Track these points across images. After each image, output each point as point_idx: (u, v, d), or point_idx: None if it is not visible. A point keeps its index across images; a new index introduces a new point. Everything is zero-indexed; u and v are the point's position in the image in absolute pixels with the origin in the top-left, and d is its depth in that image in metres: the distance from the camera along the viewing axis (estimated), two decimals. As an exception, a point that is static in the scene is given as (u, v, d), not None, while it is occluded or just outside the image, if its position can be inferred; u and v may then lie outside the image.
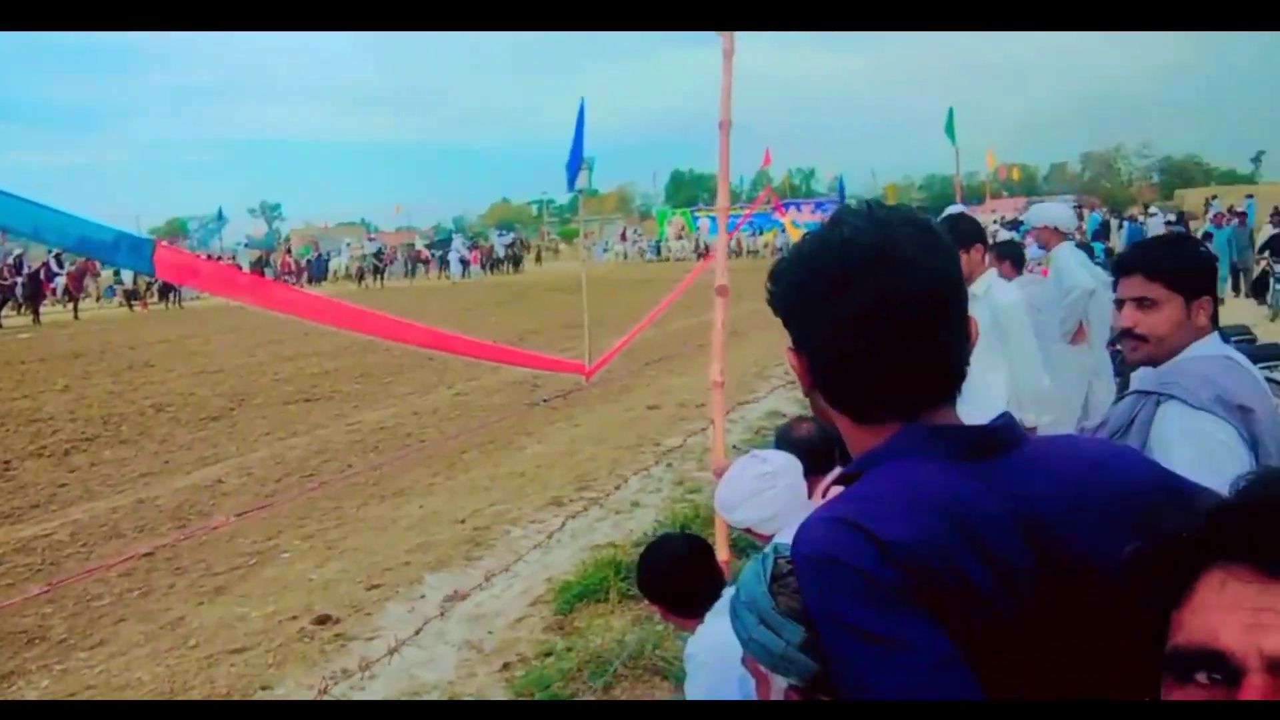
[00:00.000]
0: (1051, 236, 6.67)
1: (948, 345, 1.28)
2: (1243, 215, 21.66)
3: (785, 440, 3.58)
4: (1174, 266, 2.58)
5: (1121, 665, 1.44)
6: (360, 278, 44.18)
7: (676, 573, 3.04)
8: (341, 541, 7.19)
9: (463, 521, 7.51)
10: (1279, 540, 0.80)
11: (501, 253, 52.63)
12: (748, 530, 3.23)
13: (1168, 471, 1.35)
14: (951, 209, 8.42)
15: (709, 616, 2.99)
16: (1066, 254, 6.50)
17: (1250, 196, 43.70)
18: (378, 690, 4.80)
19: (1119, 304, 2.67)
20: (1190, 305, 2.56)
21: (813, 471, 3.59)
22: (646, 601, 5.34)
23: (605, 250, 56.84)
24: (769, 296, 1.39)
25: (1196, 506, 0.90)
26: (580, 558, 6.36)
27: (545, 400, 12.09)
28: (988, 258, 6.71)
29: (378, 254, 46.64)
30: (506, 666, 4.99)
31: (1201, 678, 0.82)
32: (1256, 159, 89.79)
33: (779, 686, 1.65)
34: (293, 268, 45.38)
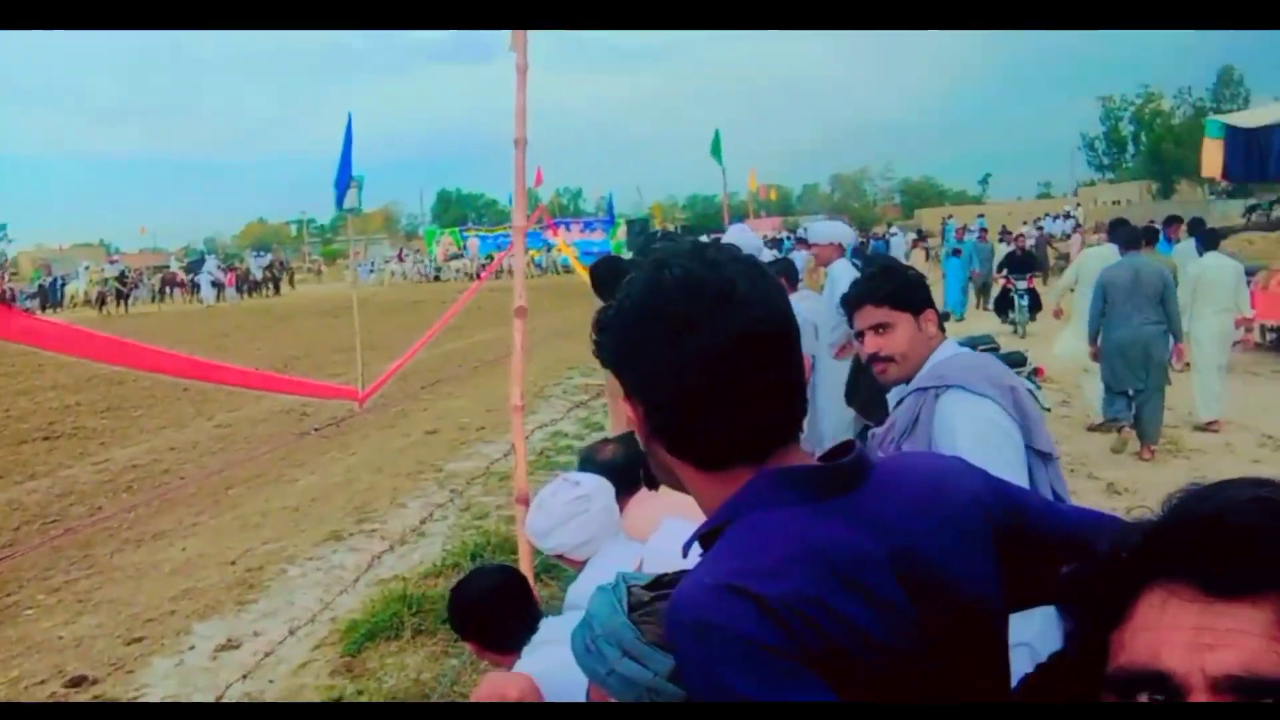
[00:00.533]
0: (834, 253, 6.91)
1: (790, 383, 1.25)
2: (984, 231, 23.39)
3: (590, 463, 3.52)
4: (894, 289, 2.86)
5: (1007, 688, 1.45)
6: (101, 303, 40.89)
7: (491, 607, 2.89)
8: (94, 593, 6.55)
9: (233, 563, 7.01)
10: (1219, 558, 0.79)
11: (259, 275, 50.29)
12: (560, 557, 3.13)
13: (991, 476, 1.39)
14: (735, 229, 8.65)
15: (526, 652, 2.86)
16: (842, 269, 6.76)
17: (981, 216, 47.68)
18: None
19: (859, 336, 2.93)
20: (918, 319, 2.84)
21: (620, 493, 3.54)
22: (446, 637, 5.18)
23: (372, 271, 55.29)
24: (596, 347, 1.33)
25: (1129, 524, 0.89)
26: (366, 594, 6.05)
27: (316, 429, 11.54)
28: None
29: (120, 277, 43.45)
30: (292, 717, 4.65)
31: (1144, 699, 0.80)
32: (984, 181, 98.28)
33: None
34: (9, 294, 41.36)
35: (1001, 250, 21.41)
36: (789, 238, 29.69)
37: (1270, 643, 0.75)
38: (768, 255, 17.53)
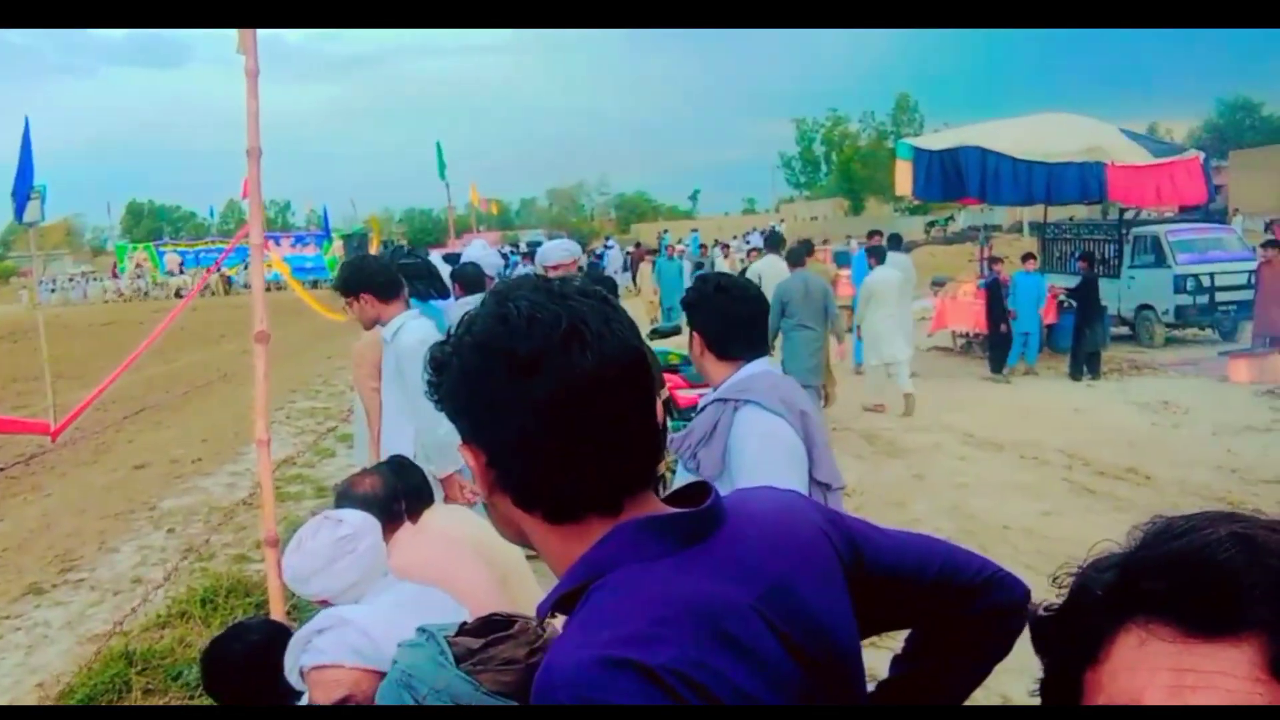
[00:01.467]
0: (560, 272, 6.91)
1: (646, 425, 1.19)
2: (705, 247, 24.25)
3: (349, 498, 3.33)
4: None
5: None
6: None
7: (255, 669, 2.66)
8: None
9: (-90, 628, 6.14)
10: (1200, 596, 0.77)
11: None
12: (324, 603, 2.92)
13: (826, 507, 1.40)
14: (476, 245, 8.51)
15: (297, 712, 2.66)
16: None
17: (695, 230, 49.79)
18: None
19: None
20: (691, 336, 2.94)
21: (383, 528, 3.37)
22: (179, 695, 4.75)
23: (53, 290, 50.49)
24: (429, 389, 1.21)
25: (1104, 561, 0.86)
26: (79, 653, 5.46)
27: (1, 469, 10.36)
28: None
29: None
30: (0, 804, 4.12)
31: None
32: (694, 196, 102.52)
33: None
34: None
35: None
36: (513, 252, 29.73)
37: (1253, 684, 0.74)
38: (525, 269, 17.54)
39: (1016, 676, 1.11)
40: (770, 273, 11.48)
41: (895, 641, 1.54)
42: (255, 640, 2.70)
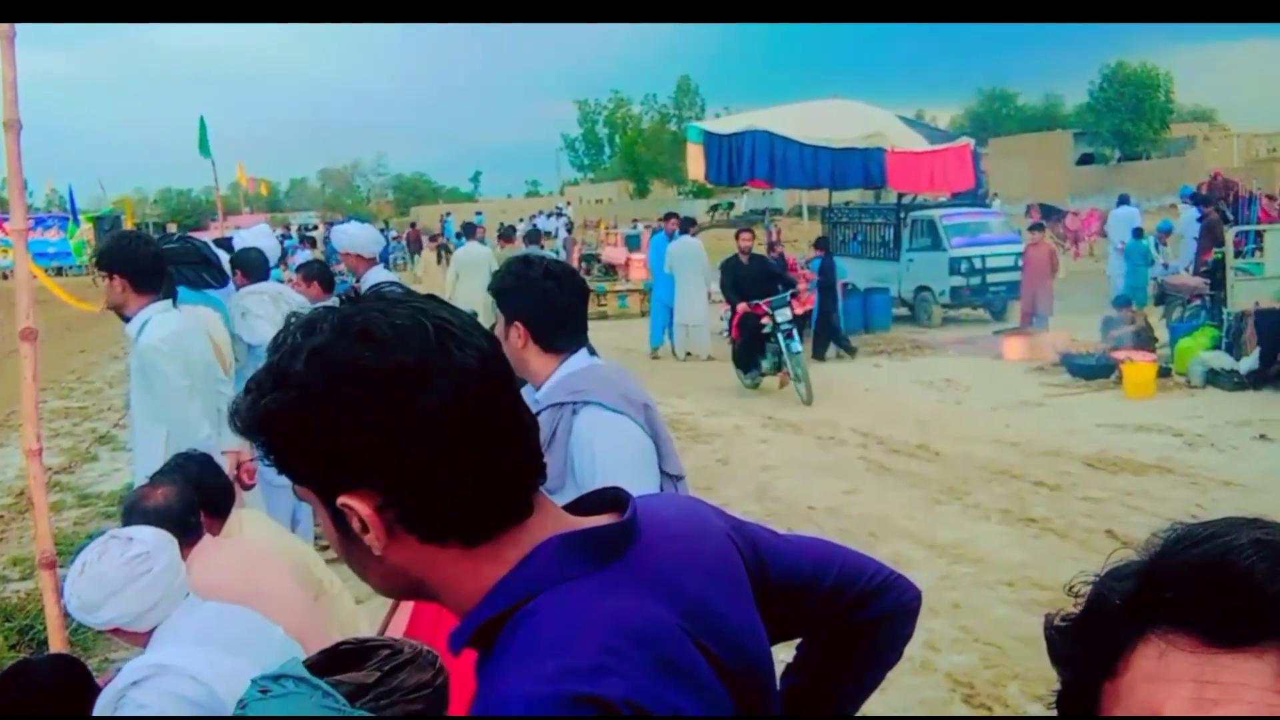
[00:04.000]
0: (359, 263, 6.61)
1: (528, 424, 1.12)
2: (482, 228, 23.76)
3: (139, 514, 3.08)
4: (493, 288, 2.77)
5: None
6: None
7: (48, 711, 2.40)
8: None
9: None
10: (1221, 606, 0.76)
11: None
12: (115, 631, 2.68)
13: (726, 513, 1.37)
14: (258, 230, 8.07)
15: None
16: (378, 277, 6.54)
17: (479, 213, 49.31)
18: None
19: None
20: (506, 328, 2.68)
21: (180, 542, 3.14)
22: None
23: None
24: (263, 457, 1.07)
25: (1122, 570, 0.85)
26: None
27: None
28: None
29: None
30: None
31: None
32: (475, 179, 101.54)
33: None
34: None
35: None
36: (286, 235, 28.48)
37: (1275, 696, 0.74)
38: (304, 255, 16.77)
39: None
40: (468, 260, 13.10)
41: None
42: (46, 681, 2.44)
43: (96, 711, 1.99)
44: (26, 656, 2.72)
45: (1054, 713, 0.90)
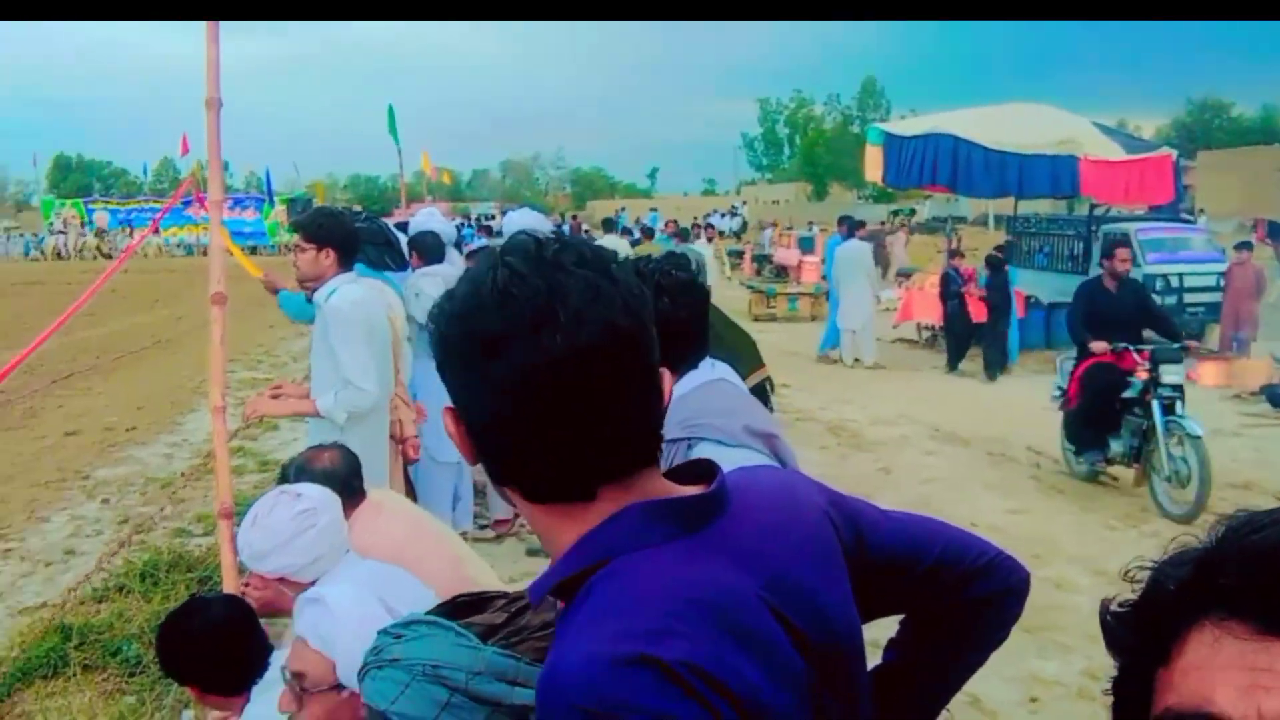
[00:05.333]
0: None
1: (628, 407, 1.14)
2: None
3: (305, 473, 3.29)
4: None
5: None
6: None
7: (217, 646, 2.63)
8: None
9: None
10: (1277, 592, 0.75)
11: None
12: (282, 580, 2.89)
13: (827, 487, 1.40)
14: (425, 213, 8.43)
15: (257, 692, 2.64)
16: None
17: (654, 209, 49.74)
18: None
19: None
20: None
21: (347, 498, 3.34)
22: (118, 672, 4.69)
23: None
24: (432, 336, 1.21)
25: (1180, 556, 0.84)
26: (10, 625, 5.37)
27: (-79, 431, 10.13)
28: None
29: None
30: (-75, 782, 4.05)
31: None
32: (652, 175, 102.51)
33: None
34: None
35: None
36: (466, 224, 29.40)
37: None
38: (480, 243, 17.39)
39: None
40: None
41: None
42: (215, 616, 2.67)
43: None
44: (199, 594, 2.96)
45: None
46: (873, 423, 10.41)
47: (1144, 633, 0.84)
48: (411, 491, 5.62)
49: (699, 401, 2.41)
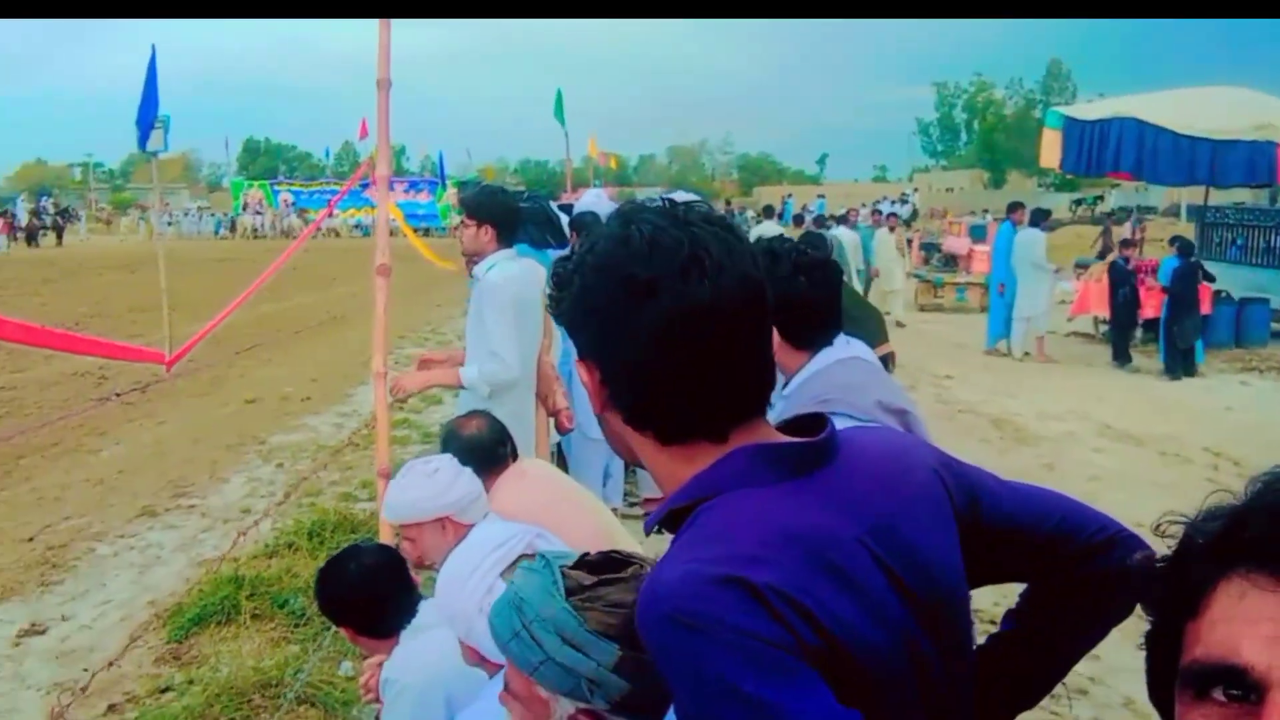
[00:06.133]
0: None
1: (758, 357, 1.25)
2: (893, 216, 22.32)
3: (454, 439, 3.47)
4: None
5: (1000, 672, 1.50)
6: None
7: (368, 590, 2.83)
8: None
9: (30, 540, 6.59)
10: None
11: (26, 221, 47.00)
12: (442, 521, 3.05)
13: (940, 450, 1.44)
14: (590, 194, 8.64)
15: (406, 636, 2.83)
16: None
17: (821, 196, 49.18)
18: (-58, 754, 4.08)
19: None
20: None
21: (487, 470, 3.49)
22: (285, 622, 5.03)
23: (170, 224, 52.52)
24: (553, 303, 1.31)
25: (1213, 511, 0.85)
26: (190, 575, 5.80)
27: (119, 394, 10.94)
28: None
29: None
30: (113, 709, 4.43)
31: (1219, 695, 0.78)
32: (821, 161, 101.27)
33: (562, 713, 1.55)
34: None
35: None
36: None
37: None
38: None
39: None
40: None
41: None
42: (369, 563, 2.86)
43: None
44: (356, 543, 3.18)
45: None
46: (1039, 417, 10.13)
47: (1174, 586, 0.85)
48: (563, 465, 5.82)
49: (833, 377, 2.49)
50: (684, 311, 1.17)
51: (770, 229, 13.75)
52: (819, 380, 2.50)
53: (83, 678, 4.68)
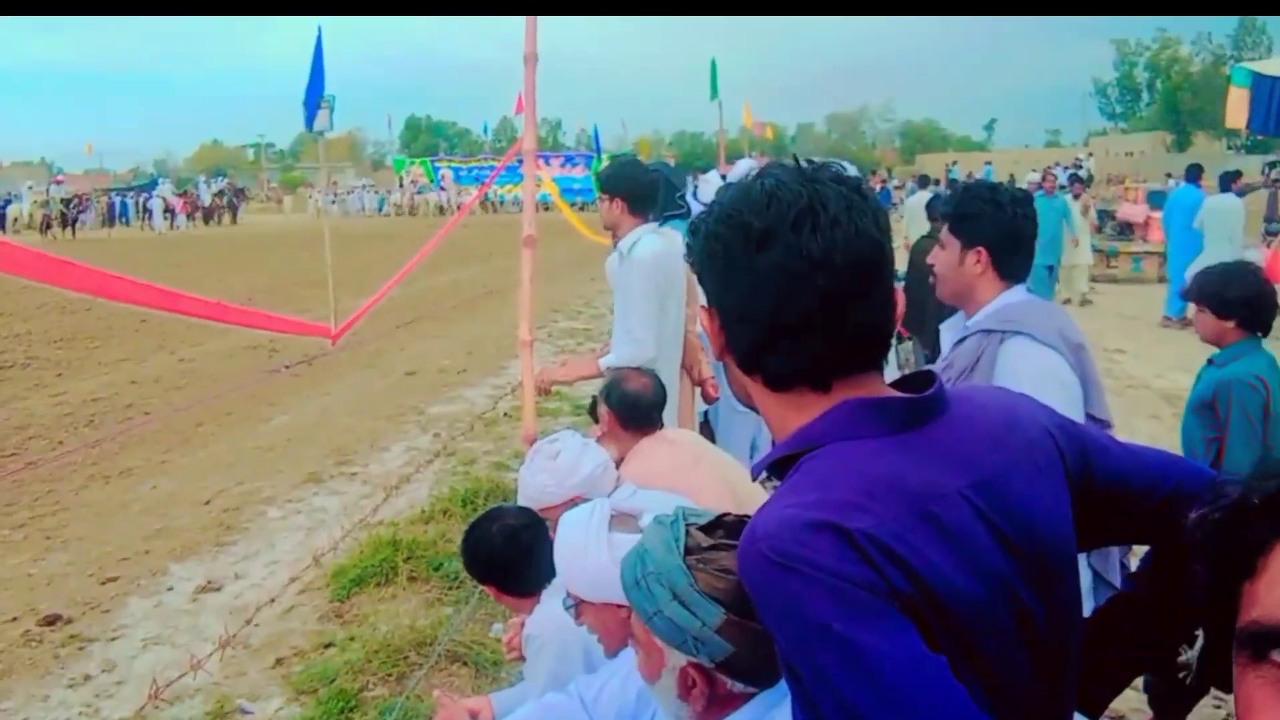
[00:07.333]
0: None
1: (870, 314, 1.29)
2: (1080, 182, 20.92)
3: (616, 390, 3.58)
4: (955, 213, 2.89)
5: (1104, 635, 1.52)
6: (46, 226, 40.60)
7: (510, 550, 2.97)
8: (62, 530, 6.60)
9: (207, 503, 7.07)
10: None
11: (209, 201, 49.78)
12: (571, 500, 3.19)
13: (1056, 412, 1.46)
14: (742, 165, 8.64)
15: (546, 595, 2.95)
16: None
17: (988, 163, 47.66)
18: (129, 695, 4.45)
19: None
20: (965, 251, 2.82)
21: (636, 427, 3.59)
22: (439, 585, 5.28)
23: (334, 201, 54.65)
24: (686, 251, 1.39)
25: (1270, 469, 0.85)
26: (353, 538, 6.13)
27: (287, 366, 11.54)
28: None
29: (66, 200, 42.91)
30: (280, 662, 4.75)
31: (1278, 656, 0.77)
32: (989, 126, 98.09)
33: (674, 663, 1.64)
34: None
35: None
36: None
37: None
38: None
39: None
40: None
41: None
42: (511, 523, 3.01)
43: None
44: (498, 505, 3.33)
45: None
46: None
47: (1231, 547, 0.85)
48: (709, 434, 5.90)
49: (1020, 308, 2.77)
50: (793, 262, 1.24)
51: (922, 199, 13.44)
52: (1008, 309, 2.77)
53: (254, 633, 5.04)
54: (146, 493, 7.37)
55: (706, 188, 7.21)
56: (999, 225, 2.80)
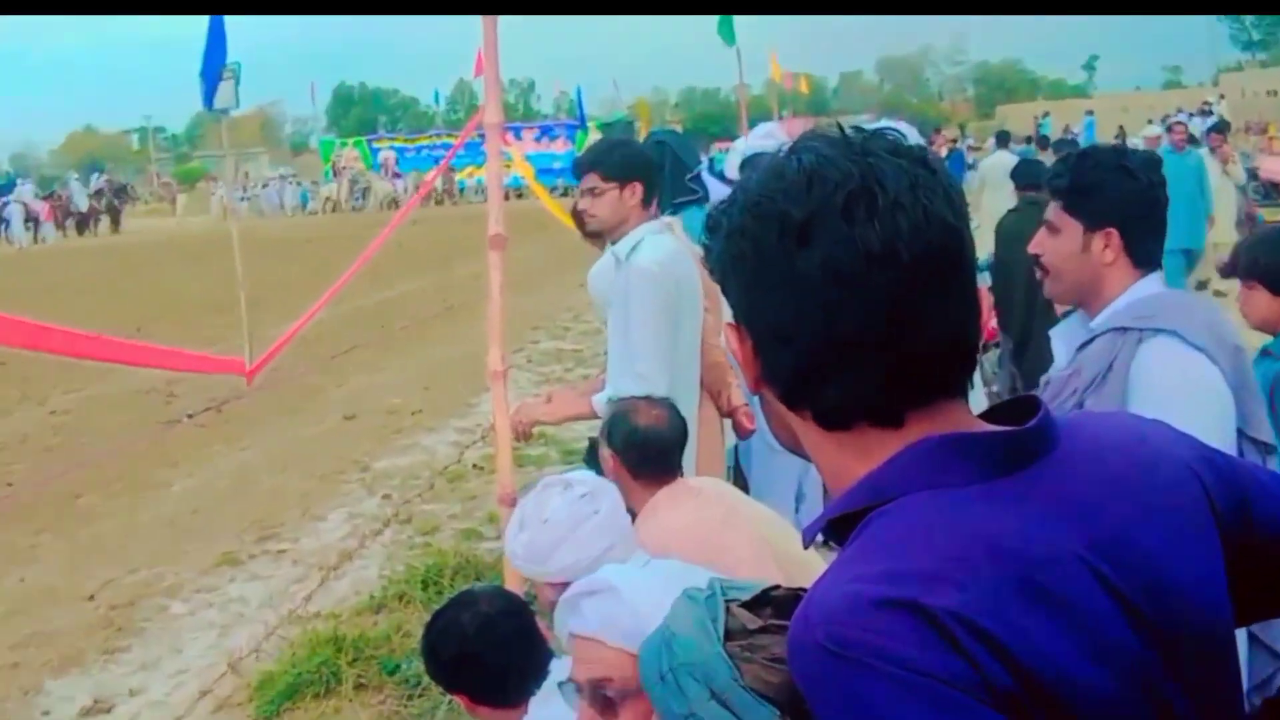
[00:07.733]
0: None
1: (951, 322, 1.25)
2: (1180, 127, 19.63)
3: (622, 426, 3.51)
4: (1071, 185, 2.86)
5: None
6: None
7: (485, 645, 2.94)
8: (-97, 642, 6.59)
9: (91, 598, 7.06)
10: None
11: (85, 205, 49.92)
12: (562, 585, 3.13)
13: (1202, 444, 1.41)
14: (761, 129, 8.65)
15: (535, 704, 2.91)
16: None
17: (1090, 112, 47.64)
18: None
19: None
20: (1089, 234, 2.81)
21: (652, 475, 3.52)
22: (395, 692, 5.25)
23: (244, 198, 54.81)
24: (705, 253, 1.36)
25: None
26: (281, 636, 6.11)
27: (191, 415, 11.58)
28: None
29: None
30: (194, 802, 4.73)
31: None
32: (1090, 66, 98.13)
33: None
34: None
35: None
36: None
37: None
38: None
39: None
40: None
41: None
42: (486, 610, 2.97)
43: (559, 607, 2.38)
44: (471, 587, 3.31)
45: None
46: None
47: None
48: (741, 480, 5.86)
49: (1161, 302, 2.80)
50: (846, 259, 1.19)
51: (1005, 162, 13.39)
52: (1145, 303, 2.78)
53: (156, 765, 5.02)
54: (13, 587, 7.37)
55: (735, 160, 7.16)
56: (1132, 198, 2.80)
